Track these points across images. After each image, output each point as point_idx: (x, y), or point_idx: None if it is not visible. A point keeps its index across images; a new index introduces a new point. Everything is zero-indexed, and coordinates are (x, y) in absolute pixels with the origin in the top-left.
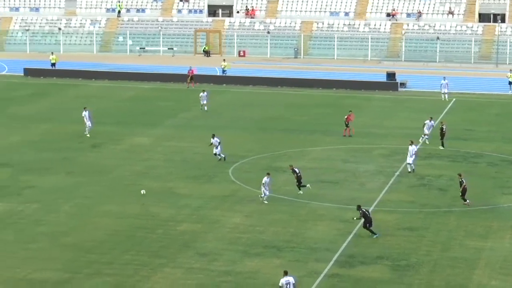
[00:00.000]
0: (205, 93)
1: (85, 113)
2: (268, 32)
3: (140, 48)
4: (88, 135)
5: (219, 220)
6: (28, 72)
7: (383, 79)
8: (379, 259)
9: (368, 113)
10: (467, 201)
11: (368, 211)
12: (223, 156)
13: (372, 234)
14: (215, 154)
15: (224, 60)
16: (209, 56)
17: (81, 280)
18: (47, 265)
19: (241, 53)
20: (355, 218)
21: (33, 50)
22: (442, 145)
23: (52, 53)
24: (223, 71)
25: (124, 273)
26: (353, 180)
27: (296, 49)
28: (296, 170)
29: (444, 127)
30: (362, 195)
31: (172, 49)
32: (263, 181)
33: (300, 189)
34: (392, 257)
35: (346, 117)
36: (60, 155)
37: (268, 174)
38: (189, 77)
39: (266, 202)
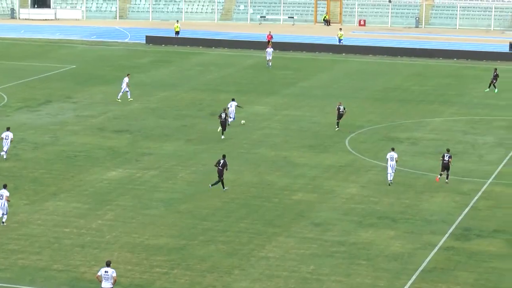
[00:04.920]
0: (271, 49)
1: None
2: (390, 1)
3: (261, 17)
4: (119, 100)
5: (334, 190)
6: (150, 40)
7: (506, 49)
8: (496, 233)
9: (489, 84)
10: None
11: None
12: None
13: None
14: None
15: (340, 29)
16: (329, 25)
17: (196, 247)
18: (163, 232)
19: (361, 22)
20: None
21: (155, 18)
22: None
23: (177, 21)
24: (339, 40)
25: (238, 241)
26: (472, 152)
27: (417, 18)
28: (223, 115)
29: None
30: (480, 167)
31: (293, 17)
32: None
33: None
34: (510, 231)
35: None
36: (179, 123)
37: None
38: (268, 42)
39: None
